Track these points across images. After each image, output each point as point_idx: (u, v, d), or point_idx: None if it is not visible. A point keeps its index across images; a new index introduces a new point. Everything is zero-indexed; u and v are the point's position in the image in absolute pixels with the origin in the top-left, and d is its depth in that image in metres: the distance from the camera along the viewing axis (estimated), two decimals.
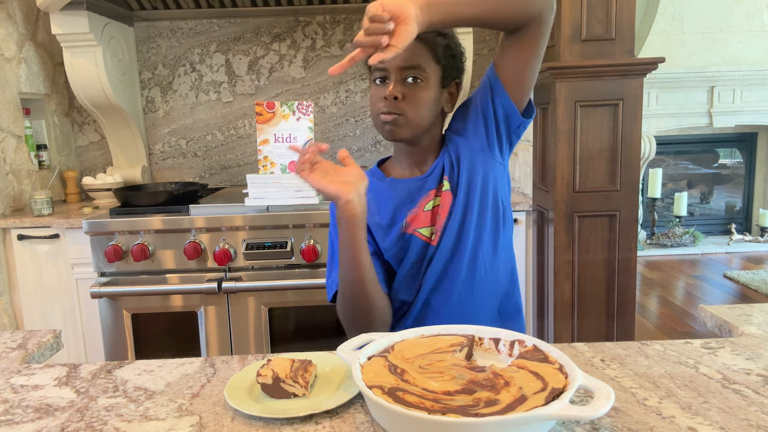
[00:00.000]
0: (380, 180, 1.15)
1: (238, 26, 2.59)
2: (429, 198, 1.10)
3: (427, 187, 1.10)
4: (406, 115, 1.03)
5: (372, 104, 1.07)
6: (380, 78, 1.05)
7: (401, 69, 1.02)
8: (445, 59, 1.06)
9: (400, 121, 1.03)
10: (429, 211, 1.09)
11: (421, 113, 1.05)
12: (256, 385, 0.75)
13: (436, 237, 1.08)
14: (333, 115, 2.66)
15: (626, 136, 1.78)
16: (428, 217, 1.09)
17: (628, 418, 0.66)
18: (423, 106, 1.04)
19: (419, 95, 1.03)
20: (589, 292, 1.86)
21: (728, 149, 5.24)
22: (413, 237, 1.09)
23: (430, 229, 1.09)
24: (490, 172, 1.10)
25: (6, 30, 2.21)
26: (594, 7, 1.73)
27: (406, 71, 1.03)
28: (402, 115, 1.03)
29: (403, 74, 1.03)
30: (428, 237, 1.08)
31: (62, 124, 2.56)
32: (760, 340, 0.88)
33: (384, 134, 1.06)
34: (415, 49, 1.01)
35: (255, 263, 1.96)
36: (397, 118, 1.03)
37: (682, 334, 3.08)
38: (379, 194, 1.13)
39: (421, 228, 1.09)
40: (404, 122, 1.04)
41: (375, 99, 1.06)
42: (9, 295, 2.11)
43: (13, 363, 0.88)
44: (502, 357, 0.78)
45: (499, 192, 1.11)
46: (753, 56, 4.57)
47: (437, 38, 1.04)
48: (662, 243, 4.83)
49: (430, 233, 1.08)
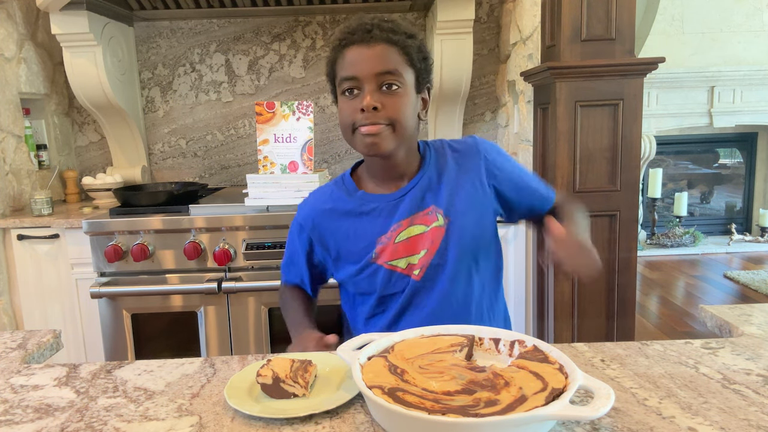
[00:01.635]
0: (349, 195, 1.07)
1: (238, 26, 2.59)
2: (401, 227, 1.02)
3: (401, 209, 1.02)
4: (392, 125, 0.96)
5: (344, 118, 0.98)
6: (350, 89, 0.97)
7: (376, 75, 0.94)
8: (418, 62, 0.99)
9: (384, 133, 0.95)
10: (402, 242, 1.01)
11: (406, 122, 0.97)
12: (256, 385, 0.75)
13: (420, 273, 1.02)
14: (333, 115, 2.66)
15: (626, 136, 1.78)
16: (402, 248, 1.01)
17: (628, 418, 0.66)
18: (406, 115, 0.97)
19: (399, 103, 0.96)
20: (589, 292, 1.86)
21: (728, 149, 5.24)
22: (382, 269, 1.02)
23: (405, 261, 1.02)
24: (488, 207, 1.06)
25: (6, 30, 2.21)
26: (594, 7, 1.73)
27: (381, 77, 0.94)
28: (388, 126, 0.95)
29: (378, 81, 0.95)
30: (403, 268, 1.02)
31: (62, 124, 2.56)
32: (760, 340, 0.88)
33: (364, 150, 0.98)
34: (388, 52, 0.95)
35: (255, 263, 1.96)
36: (381, 129, 0.95)
37: (682, 334, 3.08)
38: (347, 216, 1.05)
39: (394, 260, 1.02)
40: (388, 134, 0.96)
41: (347, 112, 0.97)
42: (9, 295, 2.11)
43: (13, 363, 0.88)
44: (502, 357, 0.78)
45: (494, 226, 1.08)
46: (753, 56, 4.56)
47: (408, 40, 0.97)
48: (662, 243, 4.83)
49: (405, 264, 1.02)
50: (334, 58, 1.00)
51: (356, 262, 1.04)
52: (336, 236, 1.06)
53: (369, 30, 0.95)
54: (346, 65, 0.96)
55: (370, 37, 0.94)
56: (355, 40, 0.95)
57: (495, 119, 2.69)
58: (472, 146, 1.08)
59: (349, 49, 0.96)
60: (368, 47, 0.95)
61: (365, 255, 1.03)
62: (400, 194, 1.04)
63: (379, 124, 0.95)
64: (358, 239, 1.04)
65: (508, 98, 2.50)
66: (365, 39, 0.95)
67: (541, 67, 1.81)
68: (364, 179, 1.09)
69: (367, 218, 1.04)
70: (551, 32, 1.83)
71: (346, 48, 0.96)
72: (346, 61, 0.96)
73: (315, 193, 1.13)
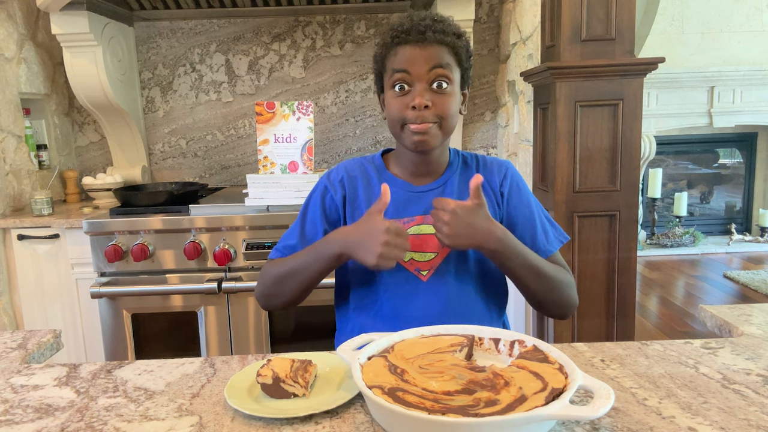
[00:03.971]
0: (376, 172, 1.10)
1: (238, 26, 2.59)
2: (414, 222, 1.04)
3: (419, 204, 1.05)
4: (440, 123, 0.99)
5: (394, 113, 1.01)
6: (401, 86, 0.99)
7: (428, 75, 0.97)
8: (465, 61, 1.02)
9: (433, 130, 0.99)
10: (412, 237, 1.03)
11: (452, 121, 1.01)
12: (256, 385, 0.75)
13: (428, 274, 1.03)
14: (333, 115, 2.66)
15: (626, 136, 1.78)
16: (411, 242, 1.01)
17: (628, 418, 0.66)
18: (453, 113, 1.01)
19: (448, 101, 0.99)
20: (589, 292, 1.86)
21: (728, 149, 5.24)
22: None
23: (409, 255, 1.03)
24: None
25: (6, 30, 2.21)
26: (594, 7, 1.73)
27: (434, 76, 0.98)
28: (435, 123, 0.99)
29: (429, 80, 0.98)
30: (405, 261, 1.03)
31: (62, 124, 2.56)
32: (760, 340, 0.88)
33: (411, 146, 1.01)
34: (440, 53, 0.98)
35: (255, 263, 1.96)
36: (430, 127, 0.98)
37: (682, 334, 3.08)
38: (367, 189, 1.08)
39: None
40: (436, 131, 0.99)
41: (397, 108, 0.99)
42: (9, 295, 2.11)
43: (13, 363, 0.88)
44: (502, 357, 0.78)
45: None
46: (753, 56, 4.57)
47: (457, 40, 1.00)
48: (662, 243, 4.83)
49: (408, 258, 1.03)
50: (384, 54, 1.02)
51: None
52: (353, 203, 1.08)
53: (423, 32, 0.97)
54: (398, 62, 0.99)
55: (424, 38, 0.97)
56: (409, 40, 0.98)
57: (495, 119, 2.69)
58: (503, 166, 1.11)
59: (402, 48, 0.98)
60: (421, 48, 0.97)
61: None
62: (422, 189, 1.07)
63: (429, 122, 0.98)
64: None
65: (508, 98, 2.50)
66: (419, 40, 0.97)
67: (541, 67, 1.81)
68: (391, 165, 1.11)
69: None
70: (551, 32, 1.83)
71: (398, 46, 0.99)
72: (398, 58, 0.99)
73: (345, 161, 1.15)
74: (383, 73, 1.03)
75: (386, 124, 1.06)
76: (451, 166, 1.09)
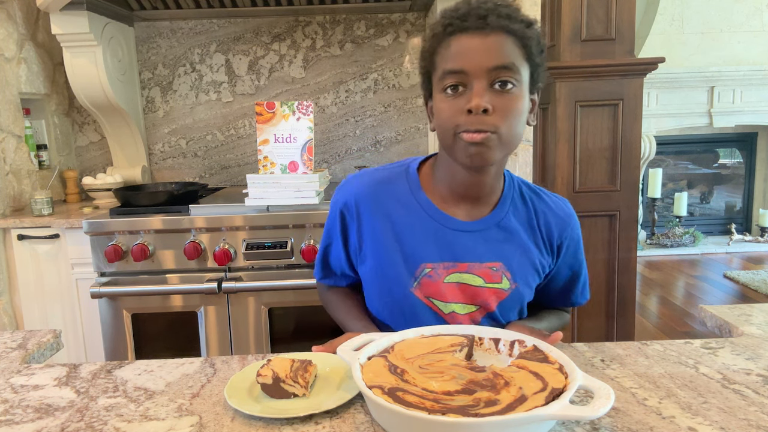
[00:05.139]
0: (413, 194, 0.90)
1: (238, 26, 2.59)
2: (455, 269, 0.88)
3: (463, 247, 0.87)
4: (499, 133, 0.79)
5: (444, 120, 0.81)
6: (453, 85, 0.80)
7: (489, 71, 0.78)
8: (537, 56, 0.83)
9: (491, 142, 0.79)
10: (452, 285, 0.88)
11: (516, 130, 0.81)
12: (256, 385, 0.75)
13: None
14: (333, 115, 2.66)
15: (626, 136, 1.78)
16: (450, 292, 0.88)
17: (628, 418, 0.66)
18: (518, 120, 0.80)
19: (513, 105, 0.79)
20: (589, 292, 1.86)
21: (728, 149, 5.24)
22: (420, 303, 0.89)
23: (450, 307, 0.89)
24: (541, 278, 0.95)
25: (6, 30, 2.21)
26: (594, 7, 1.73)
27: (495, 73, 0.78)
28: (494, 133, 0.79)
29: (491, 78, 0.78)
30: (446, 314, 0.89)
31: (62, 124, 2.56)
32: (760, 340, 0.88)
33: (466, 161, 0.81)
34: (505, 43, 0.78)
35: (255, 263, 1.96)
36: (489, 137, 0.78)
37: (682, 334, 3.08)
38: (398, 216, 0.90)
39: (437, 300, 0.89)
40: (496, 143, 0.79)
41: (450, 113, 0.80)
42: (9, 295, 2.11)
43: (13, 363, 0.88)
44: (502, 357, 0.78)
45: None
46: (753, 56, 4.57)
47: (527, 29, 0.80)
48: (662, 243, 4.83)
49: (449, 311, 0.89)
50: (434, 48, 0.83)
51: (391, 283, 0.90)
52: (374, 237, 0.91)
53: (484, 16, 0.78)
54: (451, 56, 0.80)
55: (486, 24, 0.78)
56: (465, 27, 0.79)
57: None
58: (565, 218, 0.94)
59: (457, 38, 0.80)
60: (481, 37, 0.78)
61: (405, 276, 0.89)
62: (470, 228, 0.89)
63: (485, 131, 0.78)
64: (398, 255, 0.89)
65: None
66: (479, 26, 0.78)
67: None
68: (430, 184, 0.92)
69: (421, 235, 0.89)
70: (551, 32, 1.83)
71: (452, 36, 0.80)
72: (452, 51, 0.80)
73: (366, 176, 0.94)
74: (432, 73, 0.84)
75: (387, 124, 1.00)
76: (504, 199, 0.91)
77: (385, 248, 0.90)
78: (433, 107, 0.86)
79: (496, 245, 0.89)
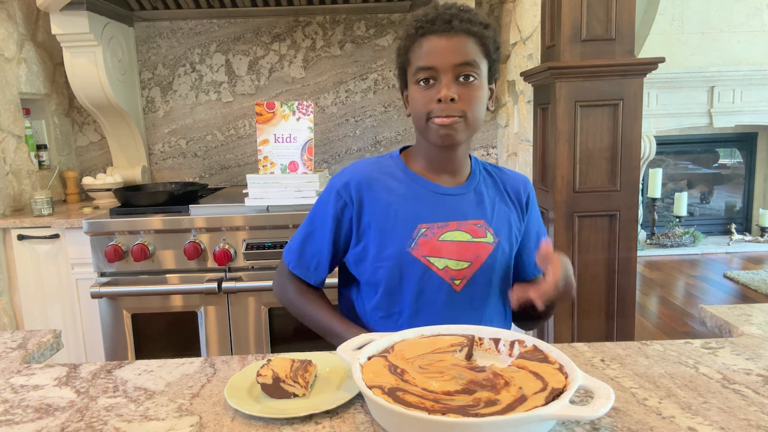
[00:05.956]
0: (400, 171, 1.04)
1: (238, 26, 2.59)
2: (448, 228, 1.00)
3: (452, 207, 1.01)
4: (465, 117, 0.95)
5: (419, 107, 0.97)
6: (425, 79, 0.96)
7: (455, 67, 0.94)
8: (493, 52, 0.99)
9: (458, 125, 0.95)
10: (446, 243, 0.99)
11: (478, 114, 0.97)
12: (256, 385, 0.75)
13: (461, 284, 1.00)
14: (333, 115, 2.66)
15: (626, 136, 1.78)
16: (445, 249, 0.99)
17: (628, 418, 0.66)
18: (480, 106, 0.97)
19: (475, 94, 0.95)
20: (589, 292, 1.86)
21: (728, 149, 5.24)
22: (419, 262, 0.98)
23: (444, 262, 0.98)
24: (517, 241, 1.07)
25: (6, 30, 2.21)
26: (594, 7, 1.73)
27: (460, 69, 0.94)
28: (461, 117, 0.95)
29: (456, 72, 0.94)
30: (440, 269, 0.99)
31: (62, 124, 2.56)
32: (760, 340, 0.88)
33: (437, 141, 0.97)
34: (467, 43, 0.94)
35: (255, 263, 1.96)
36: (456, 121, 0.95)
37: (682, 334, 3.08)
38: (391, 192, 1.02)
39: (434, 257, 0.99)
40: (462, 125, 0.96)
41: (422, 102, 0.96)
42: (9, 295, 2.11)
43: (13, 363, 0.88)
44: (502, 357, 0.78)
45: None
46: (753, 56, 4.57)
47: (485, 31, 0.96)
48: (662, 243, 4.83)
49: (443, 266, 0.99)
50: (407, 46, 0.98)
51: (390, 245, 0.99)
52: (375, 209, 1.01)
53: (449, 20, 0.94)
54: (423, 54, 0.95)
55: (450, 27, 0.94)
56: (434, 29, 0.94)
57: (495, 119, 2.69)
58: (525, 181, 1.11)
59: (427, 39, 0.95)
60: (447, 38, 0.94)
61: (404, 239, 0.99)
62: (452, 192, 1.03)
63: (454, 116, 0.94)
64: (398, 219, 1.00)
65: (508, 98, 2.50)
66: (445, 29, 0.94)
67: (541, 67, 1.81)
68: (414, 164, 1.06)
69: (414, 201, 1.01)
70: (551, 32, 1.83)
71: (423, 37, 0.95)
72: (424, 50, 0.95)
73: (359, 162, 1.08)
74: (407, 67, 1.00)
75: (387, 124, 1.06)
76: (474, 172, 1.07)
77: (386, 216, 1.01)
78: (408, 96, 1.02)
79: (476, 206, 1.03)
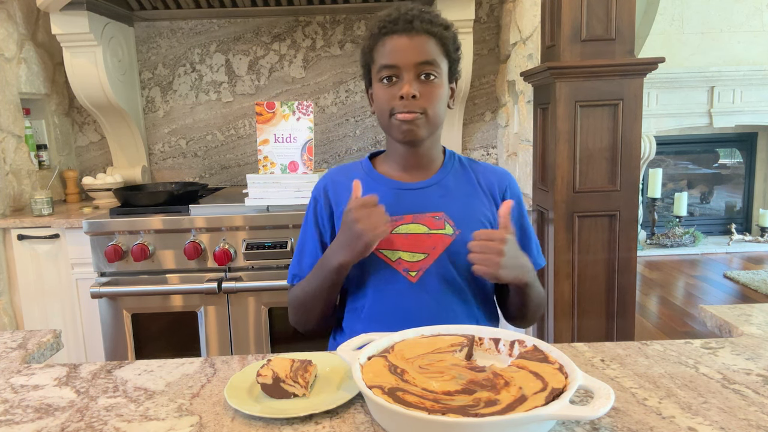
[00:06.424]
0: (363, 173, 1.10)
1: (238, 26, 2.59)
2: (402, 221, 1.03)
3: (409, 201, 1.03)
4: (426, 114, 0.99)
5: (381, 104, 1.01)
6: (388, 77, 0.99)
7: (416, 65, 0.98)
8: (453, 52, 1.03)
9: (419, 121, 0.99)
10: (401, 236, 1.01)
11: (439, 111, 1.01)
12: (256, 385, 0.75)
13: (417, 275, 1.01)
14: (333, 115, 2.66)
15: (626, 136, 1.78)
16: (398, 241, 1.01)
17: (628, 418, 0.66)
18: (440, 103, 1.01)
19: (436, 92, 0.99)
20: (589, 292, 1.86)
21: (728, 149, 5.24)
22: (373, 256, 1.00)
23: (397, 255, 1.01)
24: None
25: (6, 30, 2.21)
26: (594, 7, 1.73)
27: (421, 67, 0.98)
28: (422, 114, 0.99)
29: (417, 71, 0.98)
30: (393, 261, 1.01)
31: (62, 124, 2.56)
32: (760, 340, 0.88)
33: (399, 136, 1.01)
34: (428, 43, 0.98)
35: (255, 263, 1.96)
36: (418, 116, 0.98)
37: (682, 334, 3.08)
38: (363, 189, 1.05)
39: (387, 250, 1.01)
40: (424, 122, 0.99)
41: (385, 99, 1.00)
42: (9, 295, 2.11)
43: (13, 363, 0.88)
44: (502, 357, 0.78)
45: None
46: (753, 56, 4.57)
47: (445, 31, 1.00)
48: (662, 243, 4.83)
49: (396, 258, 1.01)
50: (371, 45, 1.02)
51: None
52: (339, 210, 1.06)
53: (411, 20, 0.97)
54: (386, 53, 0.99)
55: (412, 27, 0.97)
56: (396, 29, 0.98)
57: (495, 119, 2.69)
58: (505, 175, 1.12)
59: (390, 38, 0.99)
60: (409, 37, 0.97)
61: None
62: (412, 186, 1.05)
63: (415, 112, 0.98)
64: None
65: (508, 98, 2.50)
66: (407, 29, 0.97)
67: (541, 67, 1.81)
68: (383, 165, 1.11)
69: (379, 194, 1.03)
70: (551, 32, 1.83)
71: (386, 36, 0.99)
72: (387, 49, 0.99)
73: (332, 169, 1.16)
74: (371, 66, 1.03)
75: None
76: (444, 167, 1.09)
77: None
78: (372, 94, 1.05)
79: (437, 199, 1.05)
